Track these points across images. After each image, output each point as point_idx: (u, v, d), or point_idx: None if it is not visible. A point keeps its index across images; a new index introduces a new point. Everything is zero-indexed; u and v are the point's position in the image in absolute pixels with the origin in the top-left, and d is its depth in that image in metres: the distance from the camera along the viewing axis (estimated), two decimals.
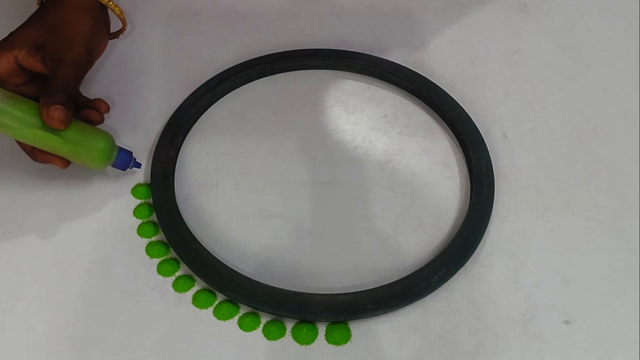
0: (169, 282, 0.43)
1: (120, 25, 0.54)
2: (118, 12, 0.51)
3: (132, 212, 0.47)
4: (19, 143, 0.45)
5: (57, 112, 0.41)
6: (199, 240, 0.44)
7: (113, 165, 0.46)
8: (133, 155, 0.47)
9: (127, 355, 0.39)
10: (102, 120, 0.46)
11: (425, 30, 0.61)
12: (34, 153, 0.44)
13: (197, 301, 0.42)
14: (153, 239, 0.45)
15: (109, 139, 0.45)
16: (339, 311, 0.40)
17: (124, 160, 0.46)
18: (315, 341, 0.40)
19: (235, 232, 0.46)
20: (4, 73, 0.44)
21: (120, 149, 0.46)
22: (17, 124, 0.41)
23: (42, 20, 0.46)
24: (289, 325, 0.41)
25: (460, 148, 0.51)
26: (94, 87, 0.56)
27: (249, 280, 0.42)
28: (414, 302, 0.42)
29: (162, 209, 0.46)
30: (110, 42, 0.60)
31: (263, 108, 0.54)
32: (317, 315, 0.41)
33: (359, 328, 0.41)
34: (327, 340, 0.40)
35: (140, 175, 0.49)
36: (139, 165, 0.48)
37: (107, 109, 0.47)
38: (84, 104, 0.46)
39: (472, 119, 0.52)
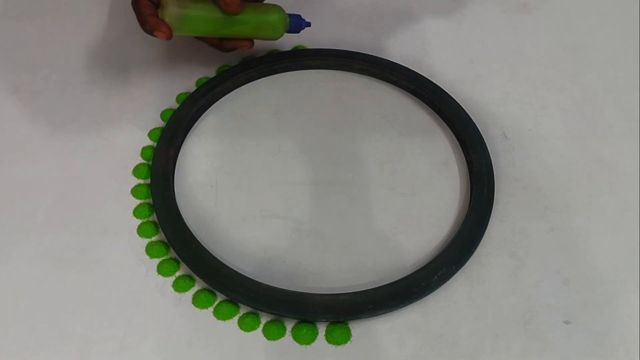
0: (169, 282, 0.43)
1: None
2: None
3: (132, 212, 0.47)
4: (204, 40, 0.52)
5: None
6: (199, 240, 0.44)
7: (289, 31, 0.53)
8: (302, 17, 0.53)
9: (127, 355, 0.39)
10: None
11: (425, 30, 0.62)
12: (222, 44, 0.51)
13: (197, 301, 0.42)
14: (153, 239, 0.45)
15: (279, 8, 0.51)
16: (339, 311, 0.40)
17: (297, 23, 0.53)
18: (315, 341, 0.40)
19: (235, 232, 0.46)
20: None
21: (290, 14, 0.52)
22: (203, 22, 0.48)
23: None
24: (289, 325, 0.41)
25: (460, 148, 0.51)
26: (94, 86, 0.56)
27: (249, 280, 0.42)
28: (414, 302, 0.42)
29: (162, 209, 0.46)
30: (110, 42, 0.61)
31: (263, 108, 0.54)
32: (317, 315, 0.41)
33: (359, 328, 0.41)
34: (327, 340, 0.40)
35: (141, 174, 0.49)
36: (309, 24, 0.54)
37: None
38: None
39: (472, 119, 0.52)
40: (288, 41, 0.60)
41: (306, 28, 0.54)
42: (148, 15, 0.46)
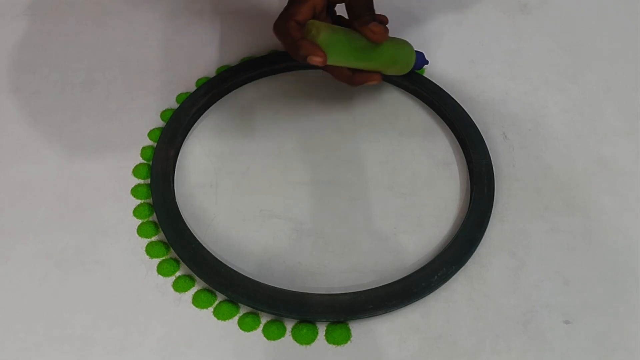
0: (169, 282, 0.43)
1: None
2: None
3: (132, 212, 0.47)
4: (334, 72, 0.48)
5: (378, 27, 0.45)
6: (199, 240, 0.44)
7: (414, 67, 0.52)
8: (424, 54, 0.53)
9: (127, 355, 0.39)
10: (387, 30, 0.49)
11: (425, 30, 0.61)
12: (355, 76, 0.48)
13: (197, 301, 0.42)
14: (153, 239, 0.45)
15: (409, 43, 0.51)
16: (339, 311, 0.40)
17: (421, 59, 0.52)
18: (315, 341, 0.40)
19: (235, 232, 0.46)
20: (319, 9, 0.46)
21: (416, 51, 0.52)
22: (350, 49, 0.45)
23: None
24: (289, 325, 0.41)
25: (460, 148, 0.51)
26: (94, 86, 0.56)
27: (249, 280, 0.42)
28: (414, 302, 0.42)
29: (162, 209, 0.46)
30: (110, 42, 0.61)
31: (263, 108, 0.54)
32: (317, 315, 0.41)
33: (359, 328, 0.41)
34: (327, 340, 0.40)
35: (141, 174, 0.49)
36: (427, 62, 0.54)
37: (387, 20, 0.51)
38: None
39: (472, 119, 0.52)
40: None
41: None
42: (301, 40, 0.43)
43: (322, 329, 0.41)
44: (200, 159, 0.51)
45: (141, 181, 0.49)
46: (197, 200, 0.48)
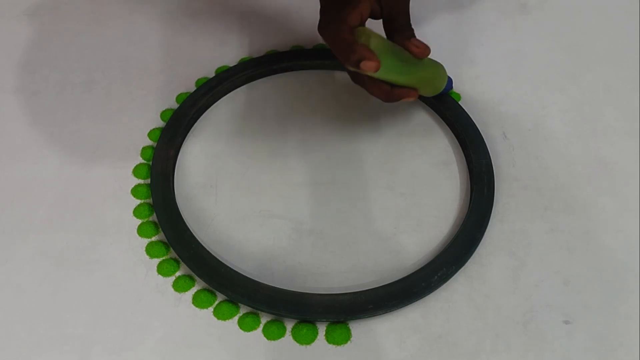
0: (169, 282, 0.43)
1: None
2: None
3: (132, 212, 0.47)
4: (373, 88, 0.47)
5: (421, 42, 0.45)
6: (199, 240, 0.44)
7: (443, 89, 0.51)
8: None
9: (127, 355, 0.39)
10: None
11: (425, 30, 0.61)
12: (393, 91, 0.47)
13: (197, 301, 0.42)
14: (153, 239, 0.45)
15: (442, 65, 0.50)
16: (339, 311, 0.40)
17: (449, 83, 0.52)
18: (315, 341, 0.40)
19: (235, 232, 0.46)
20: (364, 19, 0.45)
21: None
22: (395, 61, 0.44)
23: None
24: (289, 325, 0.41)
25: (460, 148, 0.51)
26: (94, 86, 0.56)
27: (249, 280, 0.42)
28: (414, 302, 0.42)
29: (162, 209, 0.46)
30: (110, 42, 0.61)
31: (263, 108, 0.54)
32: (317, 315, 0.41)
33: (359, 328, 0.41)
34: (327, 340, 0.40)
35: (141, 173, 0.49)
36: (452, 87, 0.53)
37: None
38: None
39: (472, 119, 0.52)
40: (287, 41, 0.60)
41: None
42: (355, 43, 0.42)
43: (322, 329, 0.41)
44: (200, 159, 0.51)
45: (141, 181, 0.49)
46: (197, 200, 0.48)
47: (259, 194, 0.48)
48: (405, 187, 0.49)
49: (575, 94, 0.56)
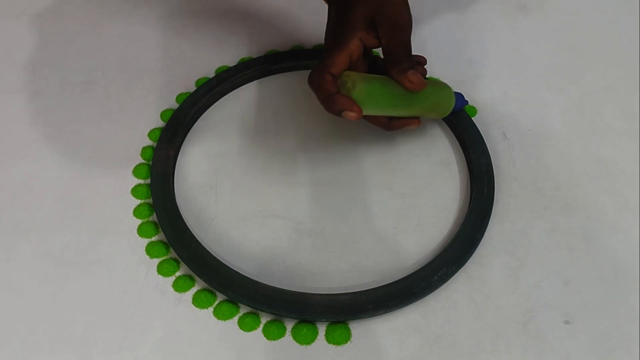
0: (169, 282, 0.43)
1: None
2: None
3: (132, 212, 0.47)
4: (371, 120, 0.47)
5: (415, 76, 0.43)
6: (199, 240, 0.44)
7: (453, 109, 0.49)
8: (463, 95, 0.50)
9: (127, 355, 0.39)
10: (426, 72, 0.49)
11: (425, 30, 0.61)
12: (392, 123, 0.47)
13: (197, 301, 0.42)
14: (153, 239, 0.45)
15: (447, 84, 0.48)
16: (339, 311, 0.40)
17: (461, 100, 0.50)
18: (315, 341, 0.40)
19: (235, 232, 0.46)
20: (355, 57, 0.44)
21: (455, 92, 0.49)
22: (387, 99, 0.44)
23: None
24: (289, 325, 0.41)
25: (460, 148, 0.51)
26: (94, 86, 0.56)
27: (249, 280, 0.42)
28: (414, 302, 0.42)
29: (162, 209, 0.46)
30: (110, 42, 0.61)
31: (263, 108, 0.54)
32: (317, 315, 0.41)
33: (359, 328, 0.41)
34: (327, 340, 0.40)
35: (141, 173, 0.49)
36: (467, 102, 0.51)
37: (426, 61, 0.50)
38: None
39: (472, 119, 0.52)
40: (287, 41, 0.60)
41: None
42: (337, 94, 0.42)
43: (322, 329, 0.41)
44: (200, 159, 0.51)
45: (141, 181, 0.49)
46: (197, 200, 0.48)
47: (259, 193, 0.48)
48: (405, 187, 0.49)
49: (575, 94, 0.56)
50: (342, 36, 0.44)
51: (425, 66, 0.50)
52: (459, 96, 0.50)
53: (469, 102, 0.53)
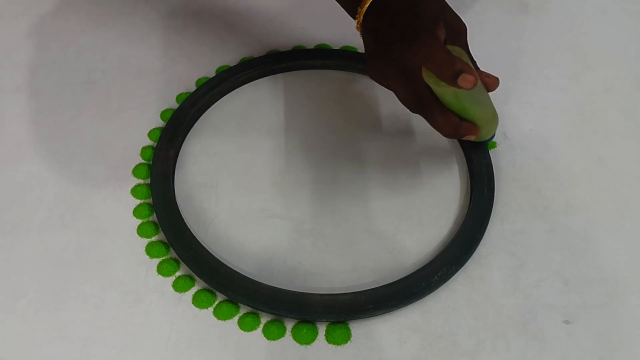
0: (169, 282, 0.43)
1: None
2: None
3: (132, 212, 0.47)
4: (441, 121, 0.44)
5: (488, 73, 0.45)
6: (199, 240, 0.44)
7: (487, 139, 0.48)
8: None
9: (127, 356, 0.39)
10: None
11: None
12: (462, 125, 0.44)
13: (197, 301, 0.42)
14: (153, 239, 0.45)
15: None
16: (339, 311, 0.40)
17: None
18: (315, 341, 0.40)
19: (235, 232, 0.46)
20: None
21: None
22: (451, 98, 0.42)
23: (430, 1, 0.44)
24: (289, 325, 0.41)
25: (460, 148, 0.51)
26: (94, 86, 0.56)
27: (249, 280, 0.42)
28: (414, 302, 0.42)
29: (162, 209, 0.46)
30: (110, 42, 0.61)
31: (263, 108, 0.54)
32: (317, 315, 0.41)
33: (359, 328, 0.41)
34: (327, 340, 0.40)
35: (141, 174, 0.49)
36: (493, 136, 0.49)
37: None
38: None
39: None
40: (288, 41, 0.60)
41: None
42: (453, 56, 0.41)
43: (322, 329, 0.41)
44: (200, 159, 0.51)
45: (141, 181, 0.49)
46: (197, 200, 0.48)
47: (260, 193, 0.48)
48: (405, 187, 0.49)
49: (575, 94, 0.56)
50: (423, 24, 0.42)
51: None
52: None
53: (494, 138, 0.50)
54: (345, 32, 0.61)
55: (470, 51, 0.48)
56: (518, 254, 0.45)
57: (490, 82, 0.44)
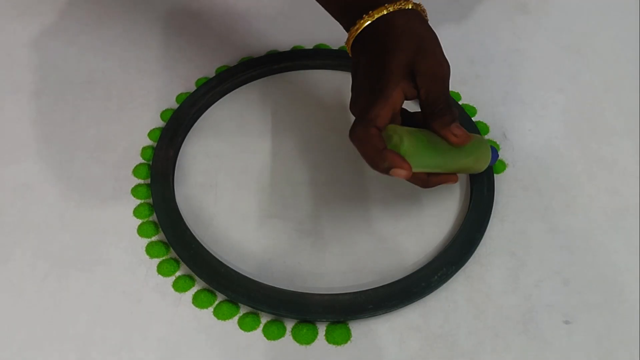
0: (169, 282, 0.43)
1: None
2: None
3: (132, 212, 0.47)
4: (411, 178, 0.40)
5: (460, 130, 0.39)
6: (199, 240, 0.44)
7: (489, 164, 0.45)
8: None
9: (127, 355, 0.39)
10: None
11: None
12: (430, 179, 0.42)
13: (197, 301, 0.42)
14: (153, 239, 0.45)
15: (483, 137, 0.46)
16: (339, 311, 0.40)
17: (495, 154, 0.45)
18: (315, 341, 0.40)
19: (235, 232, 0.46)
20: (398, 109, 0.40)
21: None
22: (430, 154, 0.40)
23: (406, 44, 0.41)
24: (289, 325, 0.41)
25: None
26: (94, 86, 0.56)
27: (249, 280, 0.42)
28: (414, 302, 0.42)
29: (162, 209, 0.46)
30: (110, 42, 0.61)
31: (263, 108, 0.54)
32: (317, 315, 0.41)
33: (359, 328, 0.41)
34: (327, 340, 0.40)
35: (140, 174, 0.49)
36: (498, 157, 0.47)
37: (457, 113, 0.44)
38: None
39: (472, 118, 0.52)
40: (287, 41, 0.60)
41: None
42: (385, 150, 0.38)
43: (322, 329, 0.41)
44: (200, 159, 0.51)
45: (141, 181, 0.49)
46: (197, 200, 0.48)
47: (259, 193, 0.48)
48: (405, 187, 0.49)
49: (575, 94, 0.56)
50: (383, 86, 0.40)
51: None
52: (493, 150, 0.46)
53: (499, 157, 0.50)
54: (344, 32, 0.61)
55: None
56: (518, 254, 0.45)
57: (456, 142, 0.40)
